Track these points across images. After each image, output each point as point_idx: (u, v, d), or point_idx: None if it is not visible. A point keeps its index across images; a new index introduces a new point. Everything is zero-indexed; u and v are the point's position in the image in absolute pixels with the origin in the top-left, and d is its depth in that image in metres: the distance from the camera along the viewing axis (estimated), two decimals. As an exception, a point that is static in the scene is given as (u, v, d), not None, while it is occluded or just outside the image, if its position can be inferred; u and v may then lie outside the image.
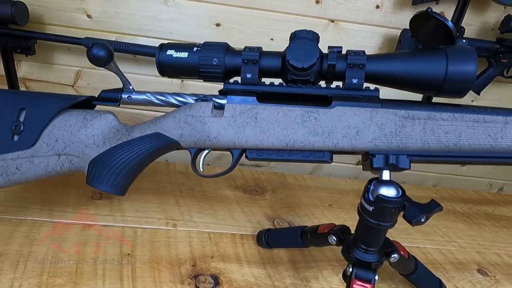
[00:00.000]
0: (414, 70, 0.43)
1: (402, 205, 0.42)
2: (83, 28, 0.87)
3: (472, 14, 0.96)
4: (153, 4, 0.88)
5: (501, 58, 0.95)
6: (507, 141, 0.41)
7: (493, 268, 0.68)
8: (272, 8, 0.93)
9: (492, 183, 1.26)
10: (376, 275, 0.45)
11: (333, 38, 0.95)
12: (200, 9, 0.88)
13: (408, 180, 1.21)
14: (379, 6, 0.93)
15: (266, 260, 0.62)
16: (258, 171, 0.92)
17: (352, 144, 0.43)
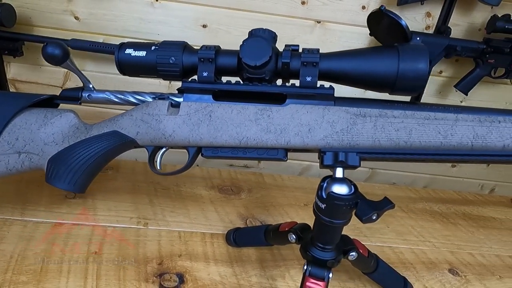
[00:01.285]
0: (367, 67, 0.43)
1: (354, 203, 0.42)
2: (70, 30, 0.88)
3: (459, 14, 0.96)
4: (139, 6, 0.89)
5: (488, 59, 0.95)
6: (456, 138, 0.41)
7: (465, 268, 0.68)
8: (258, 10, 0.93)
9: (483, 184, 1.25)
10: (330, 272, 0.45)
11: (320, 39, 0.96)
12: (186, 11, 0.89)
13: (399, 181, 1.21)
14: (365, 6, 0.94)
15: (234, 259, 0.62)
16: (237, 171, 0.92)
17: (304, 141, 0.43)
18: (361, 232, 0.74)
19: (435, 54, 0.95)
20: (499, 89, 1.08)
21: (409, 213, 0.83)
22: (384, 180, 1.20)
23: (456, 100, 1.07)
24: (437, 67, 1.01)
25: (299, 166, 1.13)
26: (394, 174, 1.20)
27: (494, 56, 0.94)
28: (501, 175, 1.23)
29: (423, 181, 1.21)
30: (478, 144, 0.41)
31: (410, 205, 0.87)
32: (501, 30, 0.88)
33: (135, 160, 0.89)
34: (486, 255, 0.72)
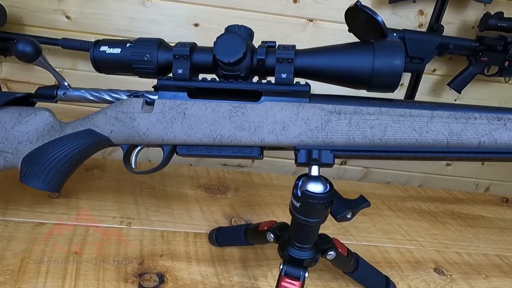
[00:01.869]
0: (343, 64, 0.43)
1: (329, 201, 0.42)
2: (62, 29, 0.88)
3: (452, 12, 0.96)
4: (130, 5, 0.88)
5: (480, 57, 0.94)
6: (432, 135, 0.40)
7: (451, 267, 0.67)
8: (250, 8, 0.93)
9: (478, 183, 1.25)
10: (306, 272, 0.44)
11: (312, 37, 0.95)
12: (178, 10, 0.89)
13: (393, 180, 1.21)
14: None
15: (217, 258, 0.62)
16: (225, 170, 0.91)
17: (278, 139, 0.43)
18: (347, 231, 0.73)
19: (427, 52, 0.94)
20: (493, 87, 1.07)
21: (397, 212, 0.82)
22: (379, 179, 1.19)
23: (450, 98, 1.07)
24: (430, 65, 1.00)
25: (293, 166, 1.12)
26: (388, 173, 1.20)
27: (487, 54, 0.94)
28: (496, 173, 1.22)
29: (418, 180, 1.21)
30: (453, 141, 0.40)
31: (398, 204, 0.86)
32: (493, 27, 0.87)
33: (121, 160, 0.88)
34: (473, 254, 0.72)
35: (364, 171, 1.18)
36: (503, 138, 0.40)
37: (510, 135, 0.40)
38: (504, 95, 1.08)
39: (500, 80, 1.06)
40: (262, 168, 1.11)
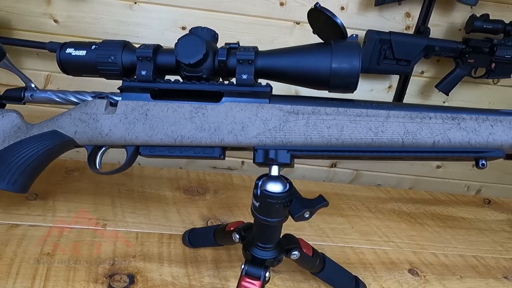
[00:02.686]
0: (302, 65, 0.43)
1: (288, 200, 0.42)
2: (50, 33, 0.89)
3: (439, 14, 0.96)
4: (118, 8, 0.89)
5: (467, 59, 0.94)
6: (387, 135, 0.41)
7: (426, 268, 0.67)
8: (237, 11, 0.93)
9: (469, 185, 1.24)
10: (267, 272, 0.44)
11: (299, 40, 0.95)
12: (165, 13, 0.89)
13: (384, 183, 1.21)
14: (344, 7, 0.94)
15: (189, 259, 0.62)
16: (205, 172, 0.92)
17: (238, 139, 0.43)
18: (323, 232, 0.74)
19: (414, 54, 0.95)
20: (482, 89, 1.07)
21: (376, 214, 0.83)
22: (369, 182, 1.19)
23: (439, 100, 1.07)
24: (418, 67, 1.01)
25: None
26: (379, 175, 1.20)
27: (473, 56, 0.94)
28: (487, 175, 1.22)
29: (408, 182, 1.20)
30: (408, 140, 0.41)
31: (378, 206, 0.86)
32: (479, 29, 0.88)
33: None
34: (450, 255, 0.72)
35: (354, 174, 1.18)
36: (457, 137, 0.40)
37: (463, 134, 0.40)
38: (493, 96, 1.08)
39: (488, 82, 1.06)
40: (251, 171, 1.11)
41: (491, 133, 0.40)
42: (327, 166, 1.17)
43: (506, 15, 0.94)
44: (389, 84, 1.03)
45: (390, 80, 1.03)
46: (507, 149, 0.40)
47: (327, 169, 1.16)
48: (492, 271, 0.68)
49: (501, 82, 1.06)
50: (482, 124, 0.40)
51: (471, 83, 1.06)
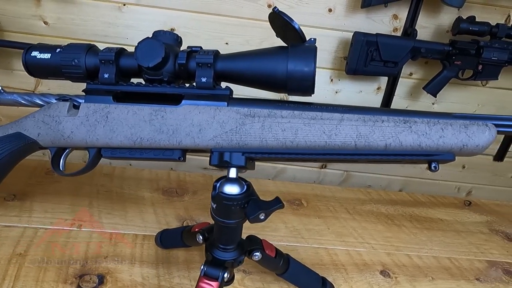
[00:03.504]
0: (260, 68, 0.44)
1: (244, 202, 0.43)
2: (40, 34, 0.90)
3: (426, 16, 0.96)
4: (107, 10, 0.90)
5: (454, 60, 0.95)
6: (340, 138, 0.41)
7: (398, 269, 0.68)
8: (226, 13, 0.94)
9: (460, 186, 1.25)
10: (226, 272, 0.45)
11: None
12: (154, 15, 0.90)
13: (374, 184, 1.21)
14: (332, 9, 0.94)
15: (161, 260, 0.62)
16: (186, 173, 0.92)
17: (195, 142, 0.43)
18: (299, 233, 0.74)
19: (401, 56, 0.95)
20: (470, 90, 1.07)
21: (354, 215, 0.83)
22: (359, 183, 1.19)
23: (427, 102, 1.07)
24: (407, 69, 1.01)
25: (274, 170, 1.13)
26: (369, 176, 1.20)
27: (460, 57, 0.94)
28: (478, 177, 1.22)
29: (398, 183, 1.21)
30: (361, 143, 0.41)
31: (357, 207, 0.86)
32: (465, 31, 0.88)
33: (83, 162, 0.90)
34: (424, 256, 0.72)
35: (344, 175, 1.19)
36: (408, 140, 0.41)
37: (414, 138, 0.40)
38: (482, 98, 1.08)
39: (477, 83, 1.06)
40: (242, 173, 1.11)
41: (441, 136, 0.40)
42: (317, 168, 1.17)
43: (493, 17, 0.95)
44: (378, 85, 1.04)
45: (379, 81, 1.03)
46: (457, 152, 0.41)
47: (317, 170, 1.17)
48: (464, 273, 0.69)
49: (489, 84, 1.07)
50: (433, 127, 0.41)
51: (460, 84, 1.06)
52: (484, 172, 1.20)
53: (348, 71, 0.94)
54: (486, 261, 0.73)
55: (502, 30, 0.87)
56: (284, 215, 0.79)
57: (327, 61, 0.98)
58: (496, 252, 0.76)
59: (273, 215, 0.77)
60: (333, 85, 1.02)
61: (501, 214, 0.91)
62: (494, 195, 1.23)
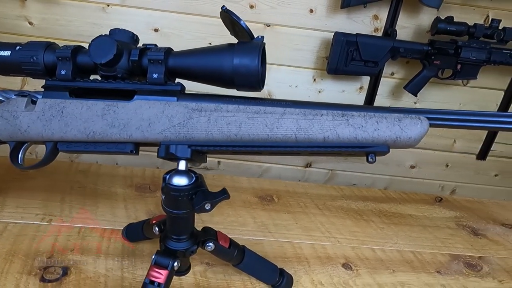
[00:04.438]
0: (209, 64, 0.45)
1: (192, 193, 0.44)
2: (25, 35, 0.91)
3: (406, 16, 0.98)
4: (91, 11, 0.91)
5: (433, 60, 0.96)
6: (282, 131, 0.43)
7: (361, 262, 0.69)
8: (208, 14, 0.96)
9: (444, 185, 1.26)
10: (175, 261, 0.46)
11: (271, 42, 0.97)
12: (138, 15, 0.92)
13: (359, 182, 1.22)
14: (313, 10, 0.96)
15: (127, 253, 0.64)
16: (161, 170, 0.94)
17: (144, 135, 0.45)
18: (266, 228, 0.76)
19: (380, 56, 0.97)
20: (452, 90, 1.09)
21: (323, 210, 0.84)
22: (344, 182, 1.21)
23: (410, 101, 1.09)
24: (388, 69, 1.04)
25: (259, 169, 1.15)
26: (354, 175, 1.22)
27: (439, 57, 0.96)
28: (461, 176, 1.24)
29: (383, 182, 1.22)
30: (301, 136, 0.43)
31: (328, 203, 0.88)
32: (443, 31, 0.90)
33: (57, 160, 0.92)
34: (388, 250, 0.73)
35: (329, 174, 1.20)
36: (345, 133, 0.42)
37: (351, 130, 0.42)
38: (463, 97, 1.10)
39: (458, 83, 1.08)
40: (228, 171, 1.13)
41: (376, 129, 0.42)
42: (302, 166, 1.19)
43: (472, 17, 0.96)
44: (360, 85, 1.06)
45: (361, 81, 1.05)
46: (391, 144, 0.42)
47: (302, 169, 1.18)
48: (426, 266, 0.70)
49: (470, 83, 1.09)
50: (369, 120, 0.42)
51: (441, 84, 1.08)
52: (468, 171, 1.22)
53: (329, 70, 0.96)
54: (449, 255, 0.74)
55: (480, 30, 0.89)
56: (254, 210, 0.81)
57: (309, 61, 1.00)
58: (461, 246, 0.77)
59: (243, 210, 0.81)
60: (316, 84, 1.03)
61: (470, 210, 0.93)
62: (477, 194, 1.25)
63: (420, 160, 1.18)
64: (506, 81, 1.06)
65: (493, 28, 0.89)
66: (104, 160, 0.99)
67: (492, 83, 1.06)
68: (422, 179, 1.24)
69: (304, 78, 1.02)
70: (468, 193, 1.25)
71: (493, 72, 1.03)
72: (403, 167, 1.20)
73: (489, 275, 0.70)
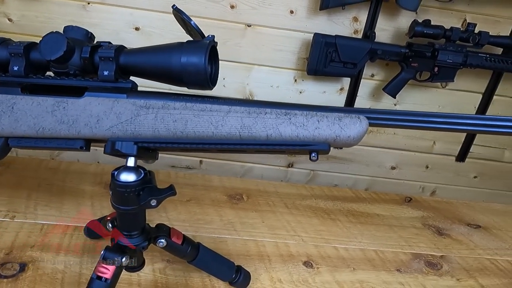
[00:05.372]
0: (158, 62, 0.46)
1: (139, 189, 0.45)
2: (4, 31, 0.91)
3: (385, 19, 0.99)
4: (72, 8, 0.91)
5: (411, 62, 0.98)
6: (226, 128, 0.43)
7: (322, 260, 0.70)
8: (189, 13, 0.93)
9: (424, 186, 1.28)
10: (124, 257, 0.47)
11: (252, 43, 0.99)
12: (118, 14, 0.92)
13: (340, 183, 1.23)
14: (293, 11, 0.97)
15: (87, 250, 0.64)
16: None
17: (93, 131, 0.46)
18: (232, 226, 0.76)
19: (359, 57, 0.98)
20: (431, 92, 1.11)
21: (291, 209, 0.85)
22: (326, 182, 1.22)
23: (389, 103, 1.10)
24: (369, 70, 1.05)
25: (242, 168, 1.15)
26: (335, 176, 1.23)
27: (416, 60, 0.97)
28: (441, 177, 1.26)
29: (364, 183, 1.24)
30: (245, 134, 0.43)
31: (296, 202, 0.89)
32: (420, 34, 0.91)
33: (28, 157, 0.92)
34: (351, 249, 0.74)
35: (311, 174, 1.21)
36: (287, 131, 0.43)
37: (293, 129, 0.43)
38: (442, 100, 1.11)
39: (437, 85, 1.10)
40: (210, 170, 1.14)
41: (317, 127, 0.43)
42: (284, 166, 1.20)
43: (450, 21, 0.98)
44: (340, 86, 1.07)
45: (342, 82, 1.06)
46: (332, 143, 0.43)
47: (284, 169, 1.19)
48: (387, 264, 0.71)
49: (449, 86, 1.10)
50: (310, 119, 0.43)
51: (421, 86, 1.09)
52: (447, 172, 1.24)
53: (309, 71, 0.97)
54: (411, 254, 0.75)
55: (456, 34, 0.91)
56: (222, 208, 0.82)
57: (290, 61, 1.01)
58: (424, 245, 0.79)
59: (211, 208, 0.81)
60: (297, 85, 1.04)
61: (438, 210, 0.94)
62: (457, 195, 1.27)
63: (401, 161, 1.20)
64: (483, 84, 1.08)
65: (469, 32, 0.91)
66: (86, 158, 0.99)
67: (470, 86, 1.08)
68: (403, 180, 1.26)
69: (285, 78, 1.03)
70: (448, 194, 1.27)
71: (470, 75, 1.05)
72: (384, 168, 1.22)
73: (448, 273, 0.71)
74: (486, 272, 0.72)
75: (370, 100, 1.10)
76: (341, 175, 1.23)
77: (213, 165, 1.15)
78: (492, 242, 0.82)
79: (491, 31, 0.92)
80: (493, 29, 0.96)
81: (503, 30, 1.00)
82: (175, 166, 1.15)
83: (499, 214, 0.96)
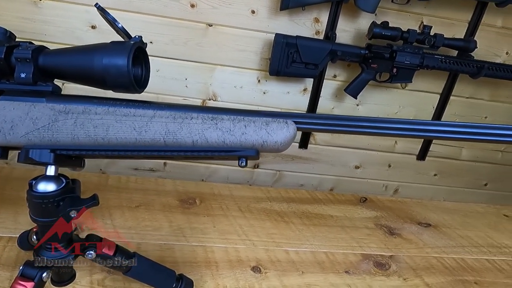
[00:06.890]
0: (80, 63, 0.43)
1: (59, 200, 0.42)
2: None
3: (346, 20, 1.00)
4: (22, 5, 0.86)
5: (370, 64, 0.98)
6: (150, 134, 0.41)
7: (271, 265, 0.69)
8: (148, 12, 0.92)
9: (387, 185, 1.30)
10: (44, 272, 0.44)
11: (214, 42, 0.97)
12: (73, 11, 0.88)
13: (306, 183, 1.23)
14: (255, 11, 0.95)
15: (20, 263, 0.60)
16: (80, 173, 0.90)
17: (6, 138, 0.42)
18: (181, 232, 0.74)
19: (320, 58, 0.98)
20: (392, 93, 1.12)
21: (245, 213, 0.84)
22: (292, 182, 1.21)
23: (352, 103, 1.11)
24: (331, 71, 1.05)
25: (207, 170, 1.13)
26: (301, 176, 1.23)
27: (376, 61, 0.98)
28: (403, 176, 1.28)
29: (329, 182, 1.24)
30: (170, 140, 0.42)
31: (251, 205, 0.88)
32: (379, 36, 0.92)
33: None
34: (301, 252, 0.74)
35: (277, 175, 1.21)
36: (213, 137, 0.42)
37: (219, 134, 0.41)
38: (402, 100, 1.13)
39: (398, 86, 1.11)
40: (174, 172, 1.11)
41: (243, 133, 0.41)
42: (249, 168, 1.18)
43: (408, 23, 1.00)
44: (304, 87, 1.07)
45: (305, 83, 1.06)
46: (260, 148, 0.42)
47: (250, 170, 1.18)
48: (336, 266, 0.71)
49: (409, 87, 1.12)
50: (237, 124, 0.42)
51: (382, 87, 1.11)
52: (409, 171, 1.26)
53: (271, 72, 0.96)
54: (361, 255, 0.76)
55: (412, 36, 0.93)
56: (172, 214, 0.79)
57: (253, 62, 1.00)
58: (374, 246, 0.79)
59: (160, 214, 0.79)
60: (261, 85, 1.03)
61: (391, 209, 0.95)
62: (419, 193, 1.30)
63: (364, 160, 1.21)
64: (441, 84, 1.11)
65: (425, 34, 0.93)
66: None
67: (429, 86, 1.11)
68: (367, 179, 1.28)
69: (249, 79, 1.02)
70: (410, 192, 1.30)
71: (429, 76, 1.08)
72: (348, 168, 1.23)
73: (395, 273, 0.72)
74: (432, 270, 0.74)
75: (333, 101, 1.11)
76: (307, 175, 1.24)
77: (178, 167, 1.12)
78: (440, 240, 0.84)
79: (447, 34, 0.94)
80: (448, 32, 0.99)
81: (458, 32, 1.03)
82: (138, 169, 1.11)
83: (449, 212, 0.99)
